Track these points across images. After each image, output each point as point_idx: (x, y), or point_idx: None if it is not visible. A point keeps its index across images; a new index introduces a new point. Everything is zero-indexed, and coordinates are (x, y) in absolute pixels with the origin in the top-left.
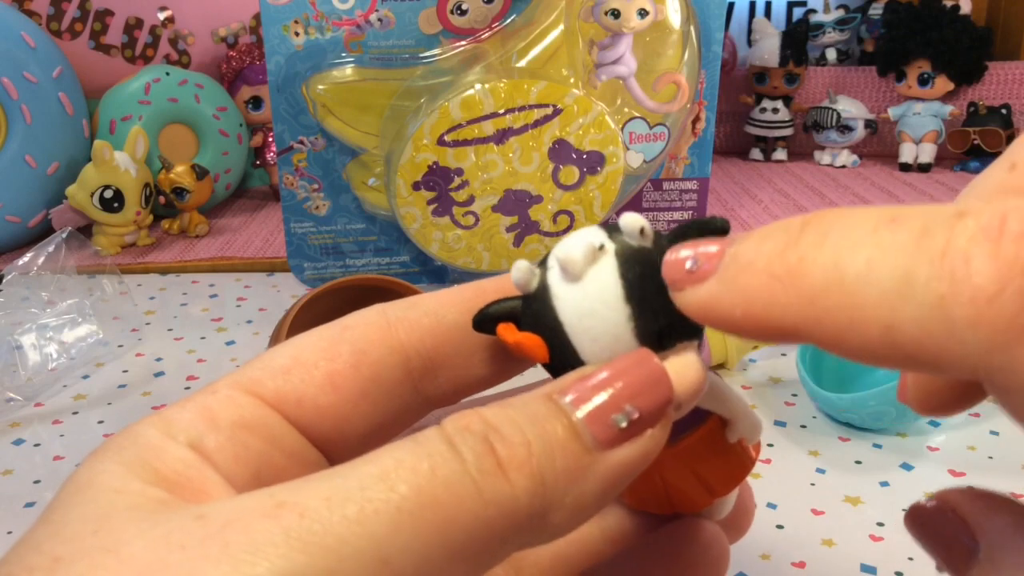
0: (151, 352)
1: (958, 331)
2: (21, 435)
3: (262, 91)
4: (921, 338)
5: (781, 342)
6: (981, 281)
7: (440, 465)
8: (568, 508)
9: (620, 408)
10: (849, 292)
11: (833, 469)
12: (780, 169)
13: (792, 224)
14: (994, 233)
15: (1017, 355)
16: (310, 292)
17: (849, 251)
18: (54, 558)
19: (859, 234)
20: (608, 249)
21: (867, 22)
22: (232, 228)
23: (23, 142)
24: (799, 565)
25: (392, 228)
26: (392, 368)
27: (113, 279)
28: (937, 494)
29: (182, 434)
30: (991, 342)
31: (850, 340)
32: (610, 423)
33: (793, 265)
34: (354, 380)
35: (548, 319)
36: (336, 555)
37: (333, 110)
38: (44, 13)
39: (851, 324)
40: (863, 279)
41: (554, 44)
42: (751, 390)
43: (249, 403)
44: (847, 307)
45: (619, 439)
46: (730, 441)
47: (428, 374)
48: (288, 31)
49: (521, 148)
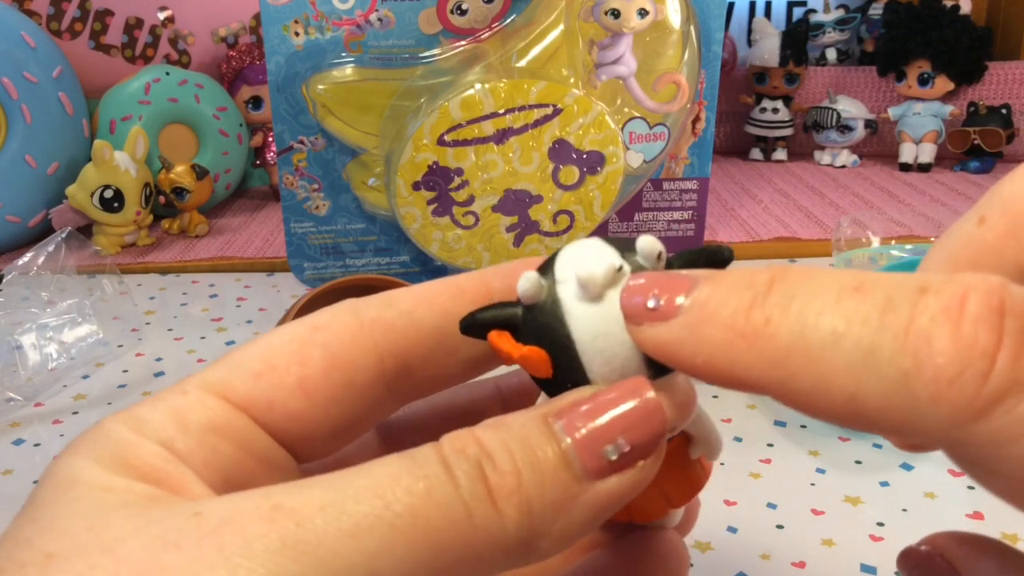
0: (151, 352)
1: (921, 406)
2: (21, 435)
3: (262, 91)
4: (885, 408)
5: (744, 391)
6: (943, 362)
7: (435, 488)
8: (555, 537)
9: (612, 439)
10: (814, 359)
11: (833, 469)
12: (780, 169)
13: (758, 281)
14: (955, 314)
15: (975, 432)
16: (310, 292)
17: (814, 318)
18: (47, 554)
19: (824, 302)
20: (626, 271)
21: (867, 22)
22: (232, 228)
23: (23, 142)
24: (799, 565)
25: (392, 228)
26: (365, 371)
27: (113, 279)
28: (928, 539)
29: (153, 434)
30: (952, 419)
31: (815, 403)
32: (600, 454)
33: (759, 326)
34: (326, 385)
35: (559, 335)
36: (328, 567)
37: (333, 110)
38: (44, 13)
39: (815, 389)
40: (829, 348)
41: (554, 44)
42: None
43: (219, 406)
44: (812, 373)
45: (609, 470)
46: (692, 457)
47: (402, 374)
48: (288, 31)
49: (521, 148)
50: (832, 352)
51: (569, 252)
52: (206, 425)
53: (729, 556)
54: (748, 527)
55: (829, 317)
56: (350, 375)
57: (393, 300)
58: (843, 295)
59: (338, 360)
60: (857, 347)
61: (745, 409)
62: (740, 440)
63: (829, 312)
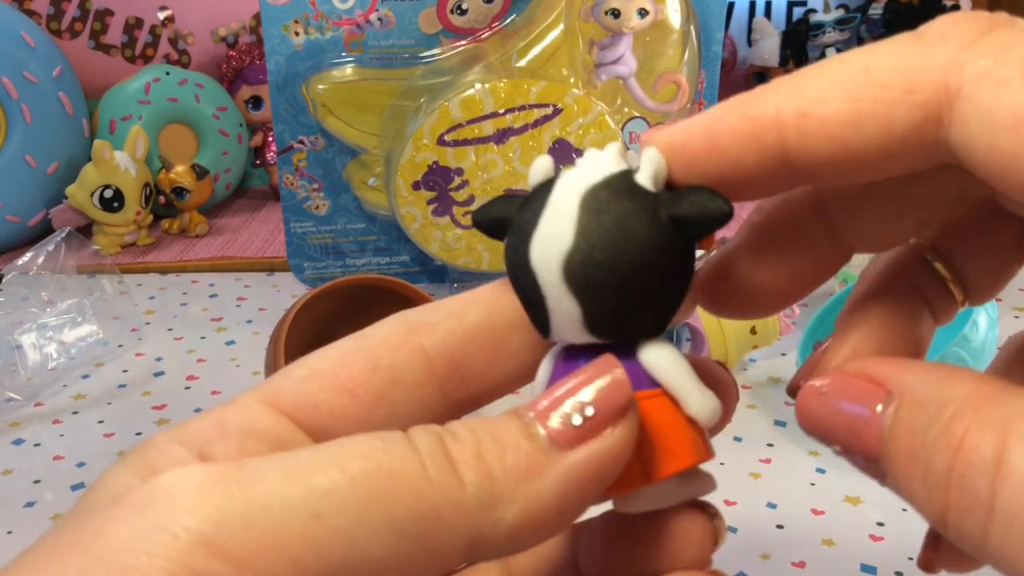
0: (151, 352)
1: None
2: (21, 435)
3: (262, 91)
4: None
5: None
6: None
7: (392, 446)
8: (520, 505)
9: (577, 406)
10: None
11: (833, 469)
12: None
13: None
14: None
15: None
16: (310, 292)
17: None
18: (30, 550)
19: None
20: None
21: (867, 22)
22: (232, 228)
23: (23, 142)
24: (799, 565)
25: (392, 228)
26: (412, 371)
27: (113, 279)
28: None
29: (191, 441)
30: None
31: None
32: (564, 420)
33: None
34: (370, 384)
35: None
36: (262, 503)
37: (333, 110)
38: (44, 13)
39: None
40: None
41: (554, 44)
42: (751, 390)
43: (261, 411)
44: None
45: (576, 438)
46: (684, 414)
47: (453, 375)
48: (288, 31)
49: (521, 148)
50: None
51: (586, 157)
52: (246, 429)
53: (729, 556)
54: (748, 527)
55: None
56: (395, 374)
57: (439, 305)
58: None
59: (382, 360)
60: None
61: (745, 409)
62: (740, 440)
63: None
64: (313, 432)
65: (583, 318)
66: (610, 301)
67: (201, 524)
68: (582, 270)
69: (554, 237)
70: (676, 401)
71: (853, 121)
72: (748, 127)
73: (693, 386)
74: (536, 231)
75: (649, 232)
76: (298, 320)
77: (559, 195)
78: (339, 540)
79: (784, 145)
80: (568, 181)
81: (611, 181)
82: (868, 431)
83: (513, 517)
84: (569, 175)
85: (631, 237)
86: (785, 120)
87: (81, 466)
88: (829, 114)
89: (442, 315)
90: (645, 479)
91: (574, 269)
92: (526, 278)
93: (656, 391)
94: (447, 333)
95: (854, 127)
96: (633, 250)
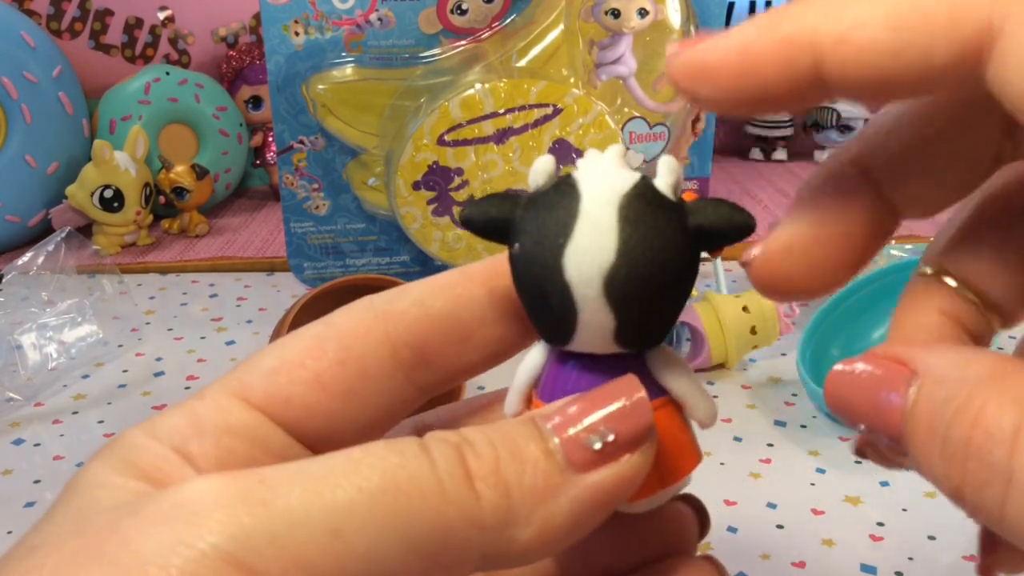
0: (151, 352)
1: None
2: (21, 435)
3: (262, 91)
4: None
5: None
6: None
7: (410, 461)
8: (535, 526)
9: (595, 429)
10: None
11: (833, 469)
12: (780, 169)
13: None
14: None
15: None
16: (310, 292)
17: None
18: (31, 547)
19: None
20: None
21: None
22: (232, 228)
23: (23, 142)
24: (799, 565)
25: (392, 228)
26: (381, 361)
27: (113, 279)
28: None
29: (166, 437)
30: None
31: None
32: (583, 444)
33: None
34: (341, 376)
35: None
36: (284, 520)
37: (333, 110)
38: (44, 13)
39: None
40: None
41: (554, 44)
42: (751, 390)
43: (235, 407)
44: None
45: (594, 462)
46: (689, 420)
47: (420, 364)
48: (288, 31)
49: (521, 148)
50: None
51: (591, 160)
52: (221, 427)
53: (729, 556)
54: (748, 527)
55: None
56: (364, 365)
57: (404, 291)
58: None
59: (352, 352)
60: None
61: (745, 409)
62: (740, 440)
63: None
64: (286, 425)
65: (616, 330)
66: (645, 313)
67: (228, 543)
68: (625, 284)
69: (594, 251)
70: (683, 407)
71: (893, 50)
72: (784, 49)
73: (700, 393)
74: (570, 243)
75: (682, 244)
76: (298, 320)
77: (592, 205)
78: (356, 558)
79: (819, 68)
80: (595, 189)
81: (641, 191)
82: (891, 410)
83: (527, 537)
84: (591, 181)
85: (669, 250)
86: (822, 45)
87: (81, 466)
88: (868, 42)
89: (408, 303)
90: (657, 486)
91: (617, 284)
92: (555, 291)
93: (664, 399)
94: (413, 321)
95: (894, 56)
96: (671, 262)
